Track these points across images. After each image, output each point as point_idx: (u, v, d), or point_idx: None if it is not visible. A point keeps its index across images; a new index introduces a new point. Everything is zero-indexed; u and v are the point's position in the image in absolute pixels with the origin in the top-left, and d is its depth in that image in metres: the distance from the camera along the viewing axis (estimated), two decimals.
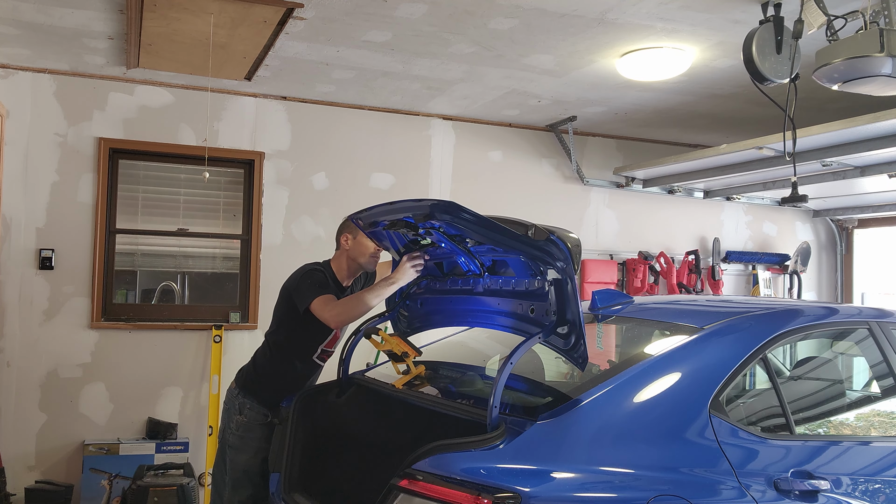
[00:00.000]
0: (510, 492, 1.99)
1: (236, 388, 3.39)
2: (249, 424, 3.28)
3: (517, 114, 5.85)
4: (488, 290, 2.85)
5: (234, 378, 3.47)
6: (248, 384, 3.36)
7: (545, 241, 2.30)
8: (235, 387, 3.40)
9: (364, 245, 3.34)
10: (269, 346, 3.41)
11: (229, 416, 3.36)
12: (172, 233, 5.30)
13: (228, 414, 3.37)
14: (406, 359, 2.91)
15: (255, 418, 3.28)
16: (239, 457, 3.28)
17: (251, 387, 3.34)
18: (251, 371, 3.41)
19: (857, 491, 2.49)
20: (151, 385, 5.11)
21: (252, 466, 3.26)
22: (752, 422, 2.59)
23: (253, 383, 3.35)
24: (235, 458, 3.29)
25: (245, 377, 3.41)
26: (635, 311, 3.09)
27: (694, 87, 4.97)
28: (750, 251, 7.05)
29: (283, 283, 3.40)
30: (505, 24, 3.90)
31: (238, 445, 3.29)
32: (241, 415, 3.30)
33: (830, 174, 5.33)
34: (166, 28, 3.98)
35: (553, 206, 6.28)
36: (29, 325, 4.86)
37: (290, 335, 3.34)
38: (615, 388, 2.32)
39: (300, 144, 5.53)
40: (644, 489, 2.13)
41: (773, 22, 3.46)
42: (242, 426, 3.29)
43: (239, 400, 3.33)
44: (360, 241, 3.34)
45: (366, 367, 3.42)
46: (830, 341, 3.46)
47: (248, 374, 3.42)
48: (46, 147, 4.92)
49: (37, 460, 4.84)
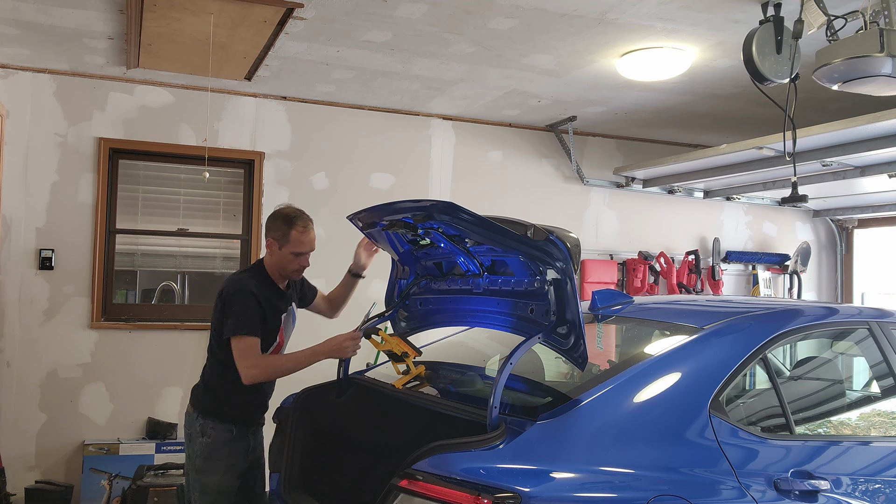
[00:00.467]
0: (510, 492, 1.99)
1: (194, 411, 3.16)
2: (214, 444, 3.09)
3: (517, 114, 5.85)
4: (487, 290, 2.85)
5: (189, 401, 3.25)
6: (205, 405, 3.14)
7: (544, 241, 2.30)
8: (193, 410, 3.17)
9: (287, 259, 3.14)
10: (215, 362, 3.17)
11: (191, 440, 3.14)
12: (172, 233, 5.30)
13: (190, 438, 3.15)
14: (406, 359, 2.91)
15: (220, 436, 3.09)
16: (210, 479, 3.08)
17: (209, 407, 3.13)
18: (204, 390, 3.19)
19: (857, 491, 2.48)
20: (151, 385, 5.10)
21: (226, 485, 3.09)
22: (752, 422, 2.59)
23: (210, 403, 3.14)
24: (207, 482, 3.08)
25: (200, 398, 3.19)
26: (635, 311, 3.09)
27: (694, 87, 4.97)
28: (750, 251, 7.05)
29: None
30: (505, 24, 3.90)
31: (206, 468, 3.09)
32: (203, 437, 3.10)
33: (830, 174, 5.34)
34: (166, 28, 3.98)
35: (553, 206, 6.28)
36: (29, 325, 4.86)
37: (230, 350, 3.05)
38: (615, 388, 2.32)
39: (300, 144, 5.53)
40: (644, 489, 2.13)
41: (773, 22, 3.46)
42: (207, 447, 3.09)
43: (199, 422, 3.12)
44: (284, 255, 3.13)
45: (366, 367, 3.42)
46: (830, 341, 3.46)
47: (202, 394, 3.19)
48: (46, 147, 4.92)
49: (37, 460, 4.84)
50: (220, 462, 3.08)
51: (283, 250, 3.13)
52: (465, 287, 2.97)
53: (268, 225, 3.19)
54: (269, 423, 3.18)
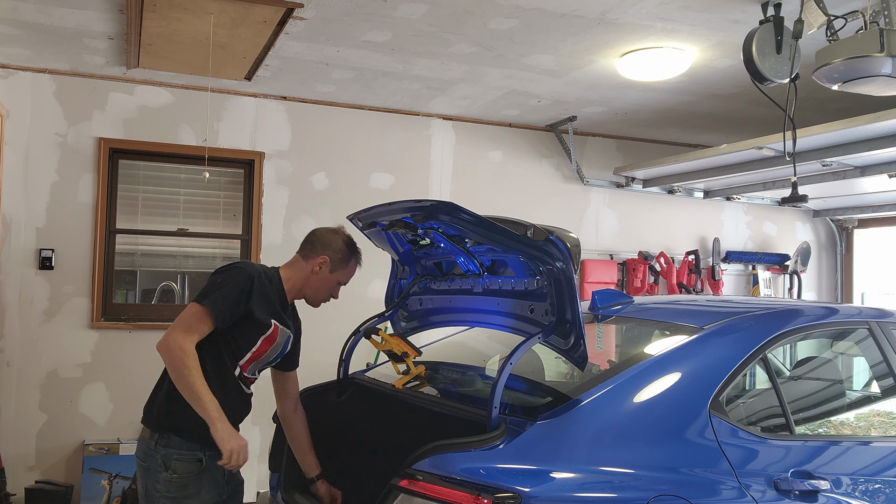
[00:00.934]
0: (510, 492, 1.99)
1: (150, 435, 2.56)
2: (182, 480, 2.50)
3: (517, 114, 5.85)
4: (487, 289, 2.85)
5: (143, 422, 2.63)
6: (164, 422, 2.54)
7: (544, 241, 2.30)
8: (149, 435, 2.56)
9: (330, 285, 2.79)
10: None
11: (150, 475, 2.53)
12: (172, 233, 5.30)
13: (149, 473, 2.53)
14: (406, 359, 2.91)
15: (188, 468, 2.51)
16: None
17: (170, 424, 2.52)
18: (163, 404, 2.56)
19: (857, 491, 2.48)
20: (151, 385, 5.03)
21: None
22: (752, 422, 2.59)
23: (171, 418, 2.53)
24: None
25: (158, 416, 2.56)
26: (635, 311, 3.09)
27: (694, 87, 4.97)
28: (750, 251, 7.05)
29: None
30: (505, 24, 3.90)
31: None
32: (168, 471, 2.50)
33: (830, 174, 5.34)
34: (166, 28, 3.98)
35: (553, 206, 6.28)
36: (29, 325, 4.86)
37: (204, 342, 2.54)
38: (615, 388, 2.32)
39: (300, 144, 5.53)
40: (644, 489, 2.13)
41: (773, 22, 3.46)
42: (174, 484, 2.50)
43: (161, 452, 2.51)
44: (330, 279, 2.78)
45: (366, 367, 3.42)
46: (830, 341, 3.46)
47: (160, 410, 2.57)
48: (46, 147, 4.92)
49: (37, 460, 4.84)
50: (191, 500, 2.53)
51: (334, 275, 2.78)
52: (464, 287, 2.97)
53: (326, 242, 2.77)
54: (269, 423, 3.18)
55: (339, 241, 2.80)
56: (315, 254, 2.76)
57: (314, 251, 2.77)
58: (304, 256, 2.78)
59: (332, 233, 2.82)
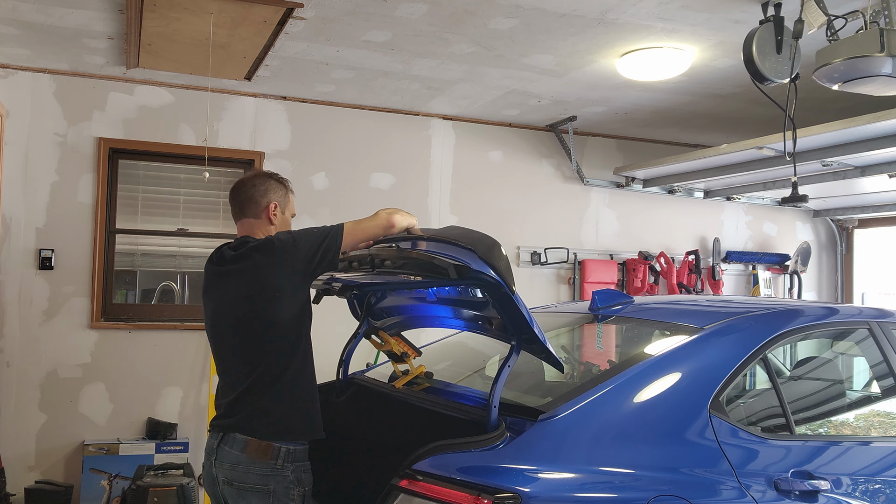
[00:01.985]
0: (510, 492, 1.99)
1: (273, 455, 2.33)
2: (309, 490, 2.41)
3: (517, 114, 5.85)
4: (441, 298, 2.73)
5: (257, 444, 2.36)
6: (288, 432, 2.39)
7: (468, 277, 2.13)
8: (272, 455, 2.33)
9: (288, 224, 2.73)
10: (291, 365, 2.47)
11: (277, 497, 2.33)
12: (172, 233, 5.30)
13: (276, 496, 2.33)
14: (406, 359, 2.91)
15: (310, 478, 2.43)
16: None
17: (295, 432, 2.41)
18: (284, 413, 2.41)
19: (858, 491, 2.48)
20: (151, 385, 5.11)
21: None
22: (753, 422, 2.59)
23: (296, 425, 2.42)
24: None
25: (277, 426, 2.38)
26: (635, 311, 3.09)
27: (694, 87, 4.97)
28: (750, 251, 7.05)
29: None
30: (505, 24, 3.90)
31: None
32: (299, 486, 2.38)
33: (830, 174, 5.33)
34: (166, 28, 3.98)
35: (553, 206, 6.29)
36: (29, 325, 4.86)
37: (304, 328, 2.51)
38: (615, 388, 2.32)
39: (300, 144, 5.53)
40: (644, 489, 2.13)
41: (773, 22, 3.46)
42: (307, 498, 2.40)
43: (289, 468, 2.35)
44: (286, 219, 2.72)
45: (366, 367, 3.42)
46: (830, 341, 3.46)
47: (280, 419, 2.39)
48: (46, 147, 4.92)
49: (37, 460, 4.84)
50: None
51: (286, 214, 2.72)
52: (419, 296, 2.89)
53: (262, 188, 2.66)
54: None
55: (273, 181, 2.70)
56: (261, 205, 2.66)
57: (258, 204, 2.65)
58: (253, 215, 2.67)
59: (258, 178, 2.71)
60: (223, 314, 2.54)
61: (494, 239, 2.20)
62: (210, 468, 2.47)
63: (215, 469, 2.43)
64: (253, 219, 2.68)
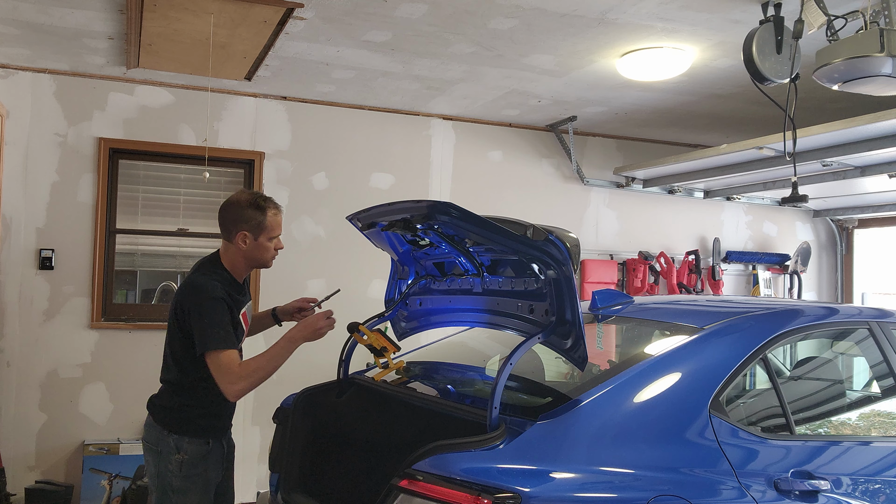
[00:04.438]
0: (510, 492, 1.99)
1: (163, 428, 2.84)
2: (192, 460, 2.82)
3: (517, 114, 5.85)
4: (487, 289, 2.85)
5: (154, 416, 2.90)
6: (175, 424, 2.84)
7: (543, 241, 2.30)
8: (162, 427, 2.84)
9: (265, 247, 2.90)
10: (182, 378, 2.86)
11: (162, 457, 2.82)
12: (172, 233, 5.30)
13: (160, 456, 2.82)
14: (385, 353, 2.93)
15: (197, 451, 2.83)
16: (189, 498, 2.83)
17: (180, 425, 2.84)
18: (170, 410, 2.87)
19: (858, 491, 2.49)
20: (151, 385, 5.04)
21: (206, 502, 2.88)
22: (753, 422, 2.59)
23: (180, 422, 2.84)
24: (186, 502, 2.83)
25: (167, 417, 2.86)
26: (635, 311, 3.09)
27: (694, 87, 4.97)
28: (750, 251, 7.05)
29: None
30: (505, 24, 3.90)
31: (184, 487, 2.81)
32: (179, 453, 2.80)
33: (830, 174, 5.33)
34: (166, 28, 3.98)
35: (553, 206, 6.28)
36: (29, 325, 4.86)
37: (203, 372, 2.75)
38: (615, 388, 2.32)
39: (300, 144, 5.53)
40: (644, 489, 2.13)
41: (773, 22, 3.46)
42: (185, 464, 2.81)
43: (173, 438, 2.81)
44: (262, 243, 2.88)
45: (366, 367, 3.42)
46: (830, 341, 3.46)
47: (168, 413, 2.87)
48: (46, 147, 4.92)
49: (37, 460, 4.84)
50: (199, 479, 2.83)
51: (260, 239, 2.87)
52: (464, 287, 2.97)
53: (233, 217, 2.85)
54: (269, 423, 3.17)
55: (245, 209, 2.85)
56: (232, 233, 2.86)
57: (230, 231, 2.87)
58: (226, 239, 2.90)
59: (234, 204, 2.88)
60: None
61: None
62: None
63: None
64: (227, 241, 2.92)
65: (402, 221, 2.72)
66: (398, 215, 2.71)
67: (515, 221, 2.40)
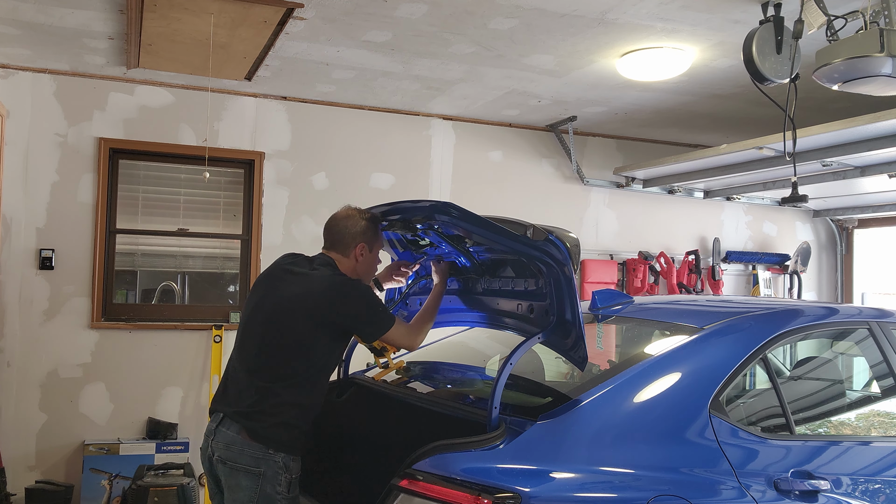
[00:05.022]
0: (510, 492, 1.99)
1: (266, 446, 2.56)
2: (297, 478, 2.64)
3: (517, 114, 5.85)
4: (488, 290, 2.85)
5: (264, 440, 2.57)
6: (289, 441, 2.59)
7: (543, 241, 2.30)
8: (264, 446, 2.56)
9: (376, 259, 2.90)
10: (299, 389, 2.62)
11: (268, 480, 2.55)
12: (172, 233, 5.30)
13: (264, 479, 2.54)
14: (385, 353, 2.94)
15: (298, 467, 2.65)
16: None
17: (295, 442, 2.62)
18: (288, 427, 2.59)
19: (857, 491, 2.48)
20: (151, 385, 5.11)
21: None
22: (752, 422, 2.59)
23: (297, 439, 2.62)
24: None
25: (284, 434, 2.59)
26: (635, 311, 3.09)
27: (694, 87, 4.97)
28: (750, 251, 7.05)
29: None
30: (505, 24, 3.90)
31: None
32: (287, 472, 2.58)
33: (830, 174, 5.33)
34: (166, 28, 3.98)
35: (553, 206, 6.28)
36: (29, 325, 4.86)
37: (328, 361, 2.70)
38: (615, 388, 2.32)
39: (300, 144, 5.53)
40: (644, 489, 2.13)
41: (773, 22, 3.46)
42: (293, 484, 2.61)
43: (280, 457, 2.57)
44: (375, 256, 2.88)
45: (366, 367, 3.42)
46: (830, 341, 3.46)
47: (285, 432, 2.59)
48: (46, 147, 4.92)
49: (37, 460, 4.84)
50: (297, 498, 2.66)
51: (374, 251, 2.87)
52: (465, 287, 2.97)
53: (353, 231, 2.81)
54: None
55: (367, 222, 2.84)
56: (351, 246, 2.81)
57: (348, 245, 2.82)
58: (342, 253, 2.82)
59: (352, 219, 2.85)
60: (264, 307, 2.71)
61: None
62: (206, 447, 2.69)
63: (211, 448, 2.65)
64: (341, 256, 2.83)
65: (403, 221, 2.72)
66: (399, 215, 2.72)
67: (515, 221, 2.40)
